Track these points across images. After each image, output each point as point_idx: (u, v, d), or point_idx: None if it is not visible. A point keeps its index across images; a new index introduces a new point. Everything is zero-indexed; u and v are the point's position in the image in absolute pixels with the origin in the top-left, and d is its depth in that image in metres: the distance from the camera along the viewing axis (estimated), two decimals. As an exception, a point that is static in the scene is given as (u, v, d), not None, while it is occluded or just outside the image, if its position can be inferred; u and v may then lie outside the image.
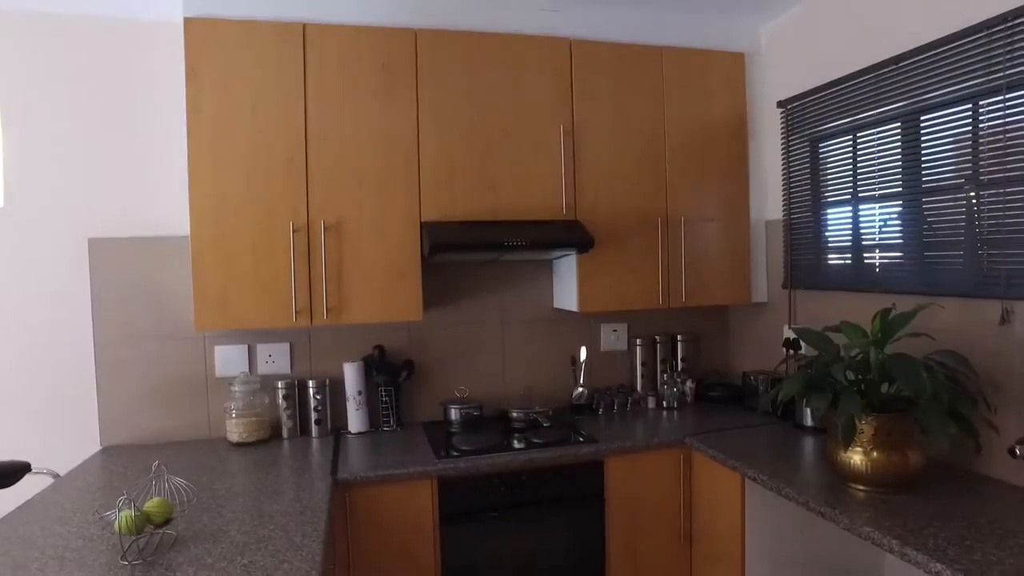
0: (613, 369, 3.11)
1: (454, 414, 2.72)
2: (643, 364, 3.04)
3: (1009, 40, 1.89)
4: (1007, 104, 1.92)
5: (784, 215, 2.86)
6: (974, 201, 2.03)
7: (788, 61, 2.83)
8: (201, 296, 2.32)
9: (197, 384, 2.65)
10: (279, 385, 2.64)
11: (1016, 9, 1.86)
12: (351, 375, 2.68)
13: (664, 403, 2.94)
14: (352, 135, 2.45)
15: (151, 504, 1.62)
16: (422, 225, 2.50)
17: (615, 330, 3.08)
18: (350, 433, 2.68)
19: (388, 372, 2.72)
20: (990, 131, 1.97)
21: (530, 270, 3.00)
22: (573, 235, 2.49)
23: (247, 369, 2.68)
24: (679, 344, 3.08)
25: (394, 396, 2.73)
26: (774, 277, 2.94)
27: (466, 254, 2.51)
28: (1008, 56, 1.90)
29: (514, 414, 2.73)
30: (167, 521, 1.64)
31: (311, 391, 2.67)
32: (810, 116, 2.71)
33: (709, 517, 2.42)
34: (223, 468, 2.25)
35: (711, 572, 2.42)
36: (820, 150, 2.72)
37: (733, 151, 2.93)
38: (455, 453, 2.35)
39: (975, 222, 2.02)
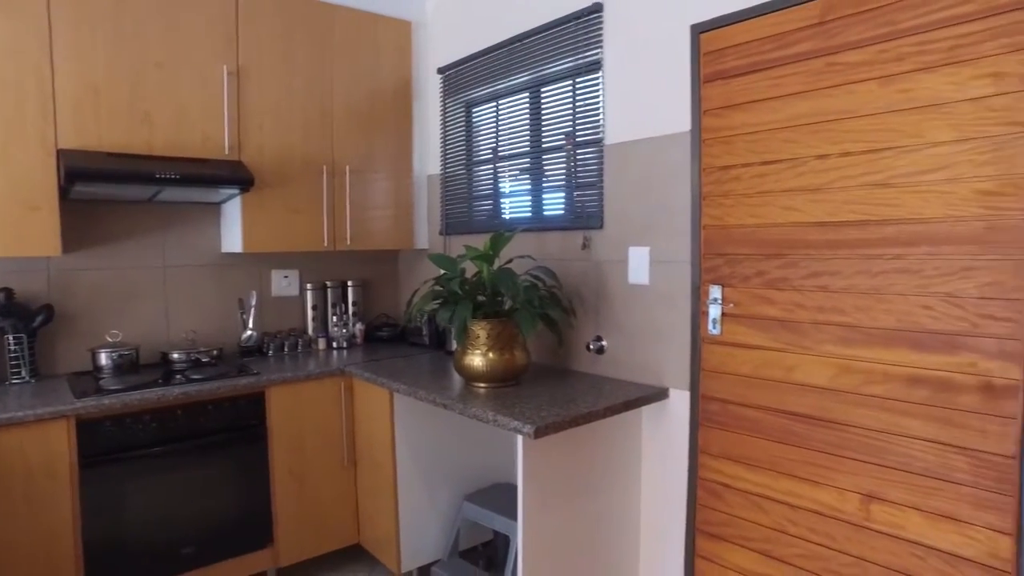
0: (285, 314, 3.18)
1: (105, 359, 2.54)
2: (314, 308, 3.17)
3: (587, 31, 2.42)
4: (587, 83, 2.45)
5: (442, 170, 3.22)
6: (572, 156, 2.54)
7: (447, 31, 3.17)
8: None
9: None
10: None
11: (589, 7, 2.38)
12: (-34, 322, 2.34)
13: (334, 344, 3.11)
14: (-41, 43, 2.14)
15: None
16: (59, 152, 2.29)
17: (286, 276, 3.15)
18: (-35, 388, 2.35)
19: (18, 317, 2.44)
20: (580, 102, 2.49)
21: (196, 213, 2.91)
22: (232, 173, 2.51)
23: None
24: (350, 289, 3.27)
25: (27, 345, 2.46)
26: (434, 225, 3.28)
27: (114, 187, 2.36)
28: (584, 44, 2.43)
29: (175, 356, 2.65)
30: None
31: (-92, 342, 2.28)
32: (464, 82, 3.08)
33: (368, 436, 2.65)
34: None
35: (371, 488, 2.66)
36: (473, 113, 3.12)
37: (399, 110, 3.19)
38: (99, 393, 2.22)
39: (572, 172, 2.54)
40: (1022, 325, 1.46)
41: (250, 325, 2.95)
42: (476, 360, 2.21)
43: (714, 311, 2.03)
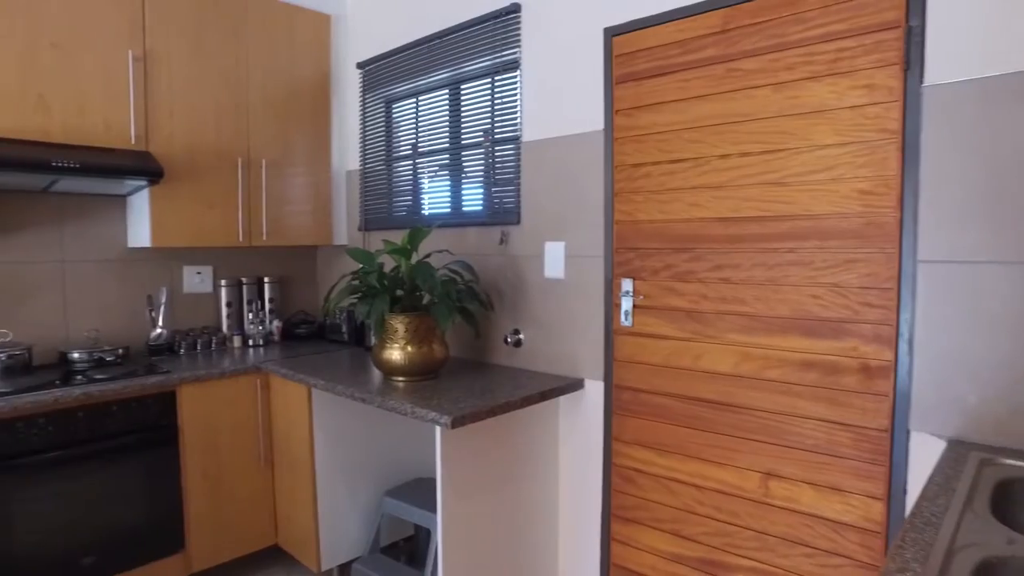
0: (197, 311, 3.07)
1: (-8, 361, 2.39)
2: (229, 305, 3.08)
3: (505, 31, 2.47)
4: (505, 82, 2.50)
5: (361, 166, 3.19)
6: (490, 153, 2.58)
7: (367, 26, 3.15)
8: None
9: None
10: None
11: (507, 7, 2.43)
12: None
13: (250, 341, 3.03)
14: None
15: None
16: (-63, 137, 2.14)
17: (199, 272, 3.05)
18: None
19: None
20: (498, 100, 2.54)
21: (99, 205, 2.77)
22: (139, 163, 2.41)
23: None
24: (266, 286, 3.19)
25: (-96, 345, 2.28)
26: (353, 221, 3.26)
27: (3, 175, 2.22)
28: (502, 43, 2.48)
29: (75, 355, 2.52)
30: None
31: None
32: (384, 78, 3.06)
33: (286, 434, 2.60)
34: None
35: (289, 487, 2.61)
36: (393, 109, 3.11)
37: (317, 104, 3.15)
38: (-13, 396, 2.09)
39: (490, 169, 2.58)
40: (893, 311, 1.61)
41: (160, 323, 2.83)
42: (395, 354, 2.21)
43: (626, 303, 2.12)
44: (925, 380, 1.57)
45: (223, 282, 3.08)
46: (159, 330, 2.82)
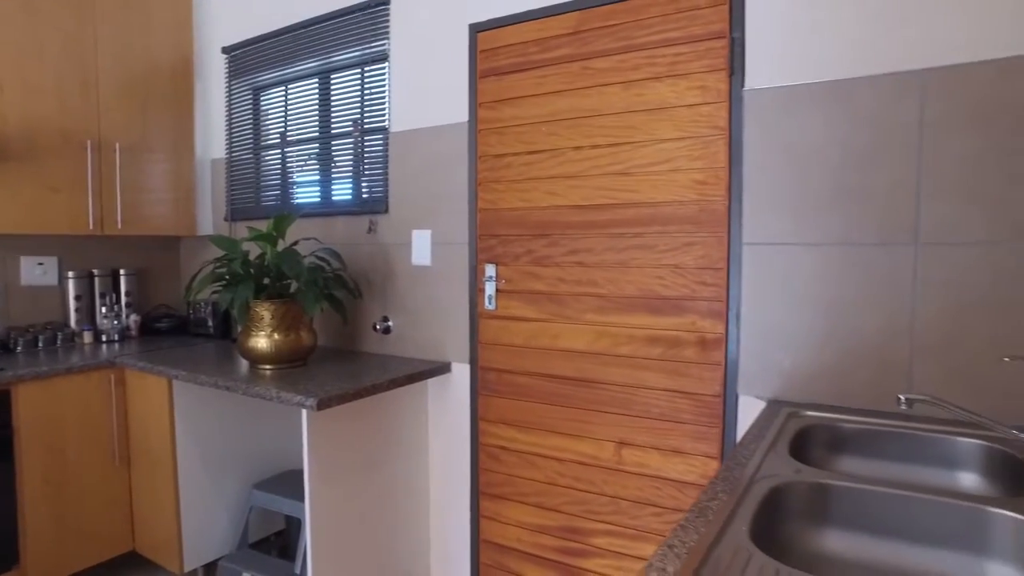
0: (39, 305, 2.84)
1: None
2: (78, 299, 2.87)
3: (374, 23, 2.49)
4: (375, 73, 2.53)
5: (227, 154, 3.09)
6: (359, 143, 2.60)
7: (233, 10, 3.04)
8: None
9: None
10: None
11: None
12: None
13: (103, 337, 2.85)
14: None
15: None
16: None
17: (41, 263, 2.82)
18: None
19: None
20: (368, 91, 2.56)
21: (-82, 190, 2.50)
22: (-33, 141, 2.21)
23: None
24: (123, 278, 3.01)
25: None
26: (219, 211, 3.14)
27: None
28: (372, 35, 2.50)
29: None
30: None
31: None
32: (251, 65, 2.97)
33: (143, 430, 2.47)
34: None
35: (148, 486, 2.49)
36: (260, 97, 3.03)
37: (179, 88, 3.01)
38: None
39: (359, 158, 2.59)
40: (724, 289, 1.80)
41: (-7, 318, 2.60)
42: (261, 342, 2.18)
43: (490, 288, 2.21)
44: (749, 349, 1.77)
45: (71, 274, 2.87)
46: (-7, 326, 2.59)
